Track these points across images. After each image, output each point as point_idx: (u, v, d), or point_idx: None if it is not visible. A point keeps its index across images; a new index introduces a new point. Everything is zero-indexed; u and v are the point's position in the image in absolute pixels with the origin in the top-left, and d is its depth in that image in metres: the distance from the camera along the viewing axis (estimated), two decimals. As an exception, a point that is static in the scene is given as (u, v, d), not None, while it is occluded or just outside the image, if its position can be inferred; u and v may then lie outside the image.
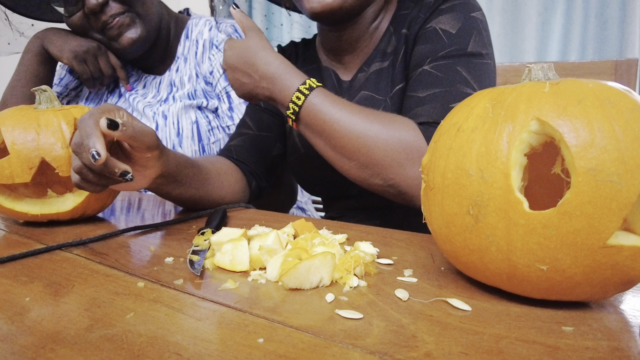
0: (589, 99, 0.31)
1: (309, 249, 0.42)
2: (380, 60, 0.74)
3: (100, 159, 0.46)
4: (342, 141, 0.59)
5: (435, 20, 0.68)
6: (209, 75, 1.01)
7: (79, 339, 0.30)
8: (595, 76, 0.94)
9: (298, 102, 0.61)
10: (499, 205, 0.32)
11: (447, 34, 0.65)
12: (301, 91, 0.61)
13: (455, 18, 0.66)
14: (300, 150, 0.80)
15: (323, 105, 0.60)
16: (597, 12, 1.64)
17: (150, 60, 1.04)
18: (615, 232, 0.29)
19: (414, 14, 0.71)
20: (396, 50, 0.72)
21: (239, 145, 0.82)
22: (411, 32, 0.71)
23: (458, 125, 0.36)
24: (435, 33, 0.66)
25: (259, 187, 0.83)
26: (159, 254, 0.48)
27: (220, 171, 0.72)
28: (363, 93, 0.74)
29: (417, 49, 0.68)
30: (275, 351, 0.28)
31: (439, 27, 0.66)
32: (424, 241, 0.52)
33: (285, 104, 0.62)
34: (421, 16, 0.70)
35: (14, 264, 0.46)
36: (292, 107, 0.61)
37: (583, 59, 1.69)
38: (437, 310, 0.34)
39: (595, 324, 0.31)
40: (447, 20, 0.66)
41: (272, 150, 0.84)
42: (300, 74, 0.62)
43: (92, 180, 0.50)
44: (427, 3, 0.71)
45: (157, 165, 0.55)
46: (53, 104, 0.63)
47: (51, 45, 0.96)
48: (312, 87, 0.61)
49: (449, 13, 0.67)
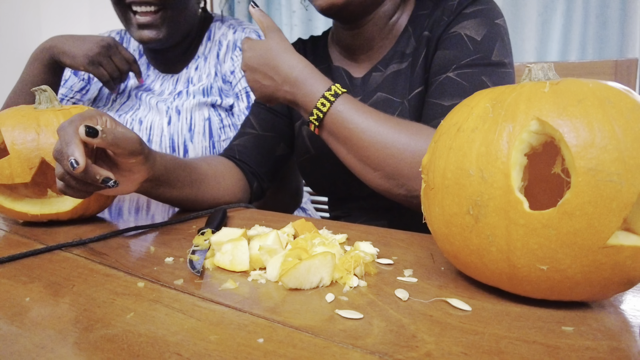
0: (589, 99, 0.31)
1: (309, 249, 0.42)
2: (399, 62, 0.73)
3: (79, 167, 0.45)
4: (367, 151, 0.59)
5: (459, 25, 0.66)
6: (229, 75, 1.01)
7: (79, 339, 0.30)
8: (595, 76, 0.94)
9: (323, 108, 0.60)
10: (499, 205, 0.32)
11: (472, 40, 0.65)
12: (326, 97, 0.60)
13: (481, 24, 0.65)
14: (311, 151, 0.80)
15: (349, 113, 0.59)
16: (597, 12, 1.64)
17: (170, 56, 1.03)
18: (615, 232, 0.29)
19: (437, 16, 0.70)
20: (416, 52, 0.71)
21: (241, 145, 0.82)
22: (433, 34, 0.69)
23: (458, 125, 0.36)
24: (460, 39, 0.65)
25: (261, 188, 0.83)
26: (159, 254, 0.48)
27: (217, 172, 0.72)
28: (380, 94, 0.73)
29: (441, 54, 0.67)
30: (275, 351, 0.28)
31: (464, 33, 0.65)
32: (424, 241, 0.52)
33: (309, 109, 0.61)
34: (444, 19, 0.69)
35: (14, 264, 0.46)
36: (316, 113, 0.60)
37: (583, 59, 1.69)
38: (437, 310, 0.34)
39: (595, 324, 0.31)
40: (472, 26, 0.65)
41: (276, 150, 0.84)
42: (325, 79, 0.62)
43: (75, 186, 0.50)
44: (450, 5, 0.69)
45: (142, 169, 0.55)
46: (53, 104, 0.63)
47: (63, 55, 0.94)
48: (337, 93, 0.60)
49: (474, 19, 0.66)
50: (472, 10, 0.67)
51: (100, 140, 0.47)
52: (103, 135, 0.47)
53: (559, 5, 1.69)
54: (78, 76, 1.08)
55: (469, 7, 0.67)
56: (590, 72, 0.94)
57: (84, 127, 0.46)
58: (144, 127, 0.97)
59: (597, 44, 1.66)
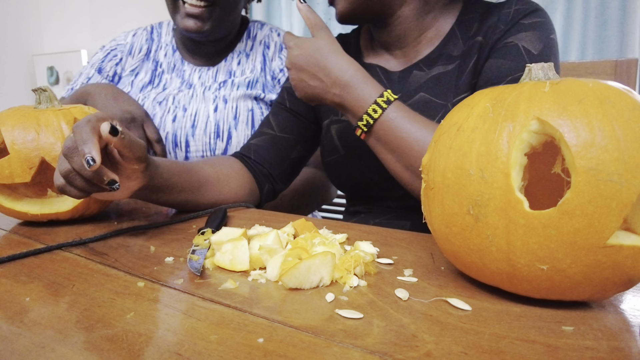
0: (589, 99, 0.31)
1: (309, 248, 0.42)
2: (445, 64, 0.71)
3: (95, 165, 0.46)
4: (418, 161, 0.58)
5: (517, 36, 0.65)
6: (278, 72, 1.04)
7: (79, 339, 0.30)
8: (595, 76, 0.94)
9: (374, 115, 0.59)
10: (499, 205, 0.32)
11: (529, 53, 0.63)
12: (378, 104, 0.59)
13: (538, 38, 0.64)
14: (340, 151, 0.79)
15: (401, 121, 0.58)
16: (597, 12, 1.64)
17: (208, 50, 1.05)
18: (615, 232, 0.29)
19: (492, 22, 0.68)
20: (465, 55, 0.69)
21: (258, 145, 0.81)
22: (487, 41, 0.67)
23: (458, 125, 0.36)
24: (517, 50, 0.64)
25: (274, 190, 0.82)
26: (159, 254, 0.48)
27: (221, 175, 0.71)
28: (422, 95, 0.71)
29: (495, 62, 0.65)
30: (275, 351, 0.28)
31: (522, 45, 0.64)
32: (424, 241, 0.52)
33: (359, 114, 0.61)
34: (500, 27, 0.67)
35: (14, 264, 0.46)
36: (366, 118, 0.60)
37: (583, 59, 1.69)
38: (437, 310, 0.34)
39: (595, 324, 0.31)
40: (529, 38, 0.64)
41: (292, 152, 0.83)
42: (377, 85, 0.61)
43: (78, 185, 0.50)
44: (506, 13, 0.67)
45: (140, 177, 0.55)
46: (53, 103, 0.63)
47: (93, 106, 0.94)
48: (389, 99, 0.59)
49: (532, 31, 0.64)
50: (530, 22, 0.65)
51: (118, 140, 0.48)
52: (122, 136, 0.48)
53: (559, 5, 1.69)
54: (102, 74, 1.08)
55: (527, 18, 0.66)
56: (590, 72, 0.94)
57: (108, 124, 0.47)
58: (188, 113, 0.98)
59: (597, 44, 1.66)
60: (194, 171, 0.67)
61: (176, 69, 1.06)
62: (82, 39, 2.51)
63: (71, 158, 0.48)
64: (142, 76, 1.06)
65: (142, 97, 1.02)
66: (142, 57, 1.08)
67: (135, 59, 1.08)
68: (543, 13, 0.66)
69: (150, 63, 1.07)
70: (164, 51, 1.08)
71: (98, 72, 1.07)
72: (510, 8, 0.67)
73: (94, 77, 1.07)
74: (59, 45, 2.57)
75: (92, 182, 0.49)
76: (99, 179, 0.48)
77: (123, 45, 1.08)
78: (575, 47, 1.70)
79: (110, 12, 2.44)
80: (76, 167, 0.48)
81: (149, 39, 1.10)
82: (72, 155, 0.48)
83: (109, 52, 1.08)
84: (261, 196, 0.80)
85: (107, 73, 1.07)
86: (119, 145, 0.49)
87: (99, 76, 1.07)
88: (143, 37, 1.10)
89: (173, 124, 0.97)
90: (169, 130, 0.97)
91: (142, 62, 1.08)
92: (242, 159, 0.80)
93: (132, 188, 0.56)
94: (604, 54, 1.65)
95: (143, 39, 1.10)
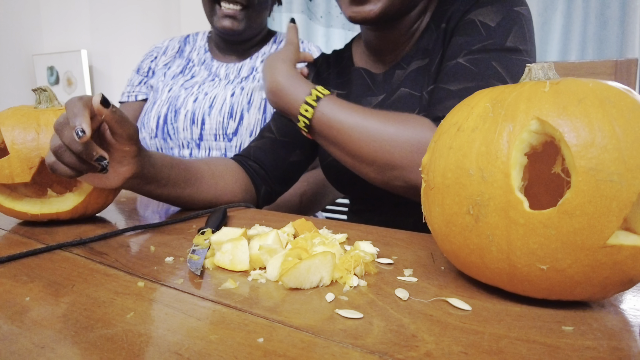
0: (589, 99, 0.31)
1: (309, 248, 0.42)
2: (421, 58, 0.72)
3: (85, 137, 0.46)
4: (358, 146, 0.59)
5: (475, 12, 0.65)
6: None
7: (79, 339, 0.30)
8: (595, 76, 0.94)
9: (307, 114, 0.60)
10: (499, 205, 0.32)
11: (485, 26, 0.63)
12: (308, 103, 0.60)
13: (497, 11, 0.63)
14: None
15: (332, 113, 0.59)
16: (597, 12, 1.64)
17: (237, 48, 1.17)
18: (615, 232, 0.29)
19: (455, 8, 0.69)
20: (435, 46, 0.71)
21: (257, 147, 0.82)
22: (449, 25, 0.69)
23: (458, 125, 0.36)
24: (474, 25, 0.64)
25: (271, 192, 0.83)
26: (159, 254, 0.48)
27: (215, 172, 0.72)
28: (403, 90, 0.73)
29: (453, 40, 0.66)
30: (275, 351, 0.28)
31: (478, 19, 0.64)
32: (424, 241, 0.52)
33: (295, 116, 0.62)
34: (461, 9, 0.68)
35: (14, 264, 0.46)
36: (301, 119, 0.61)
37: (583, 59, 1.69)
38: (437, 310, 0.34)
39: (595, 324, 0.31)
40: (487, 12, 0.64)
41: (290, 156, 0.84)
42: (307, 83, 0.62)
43: (67, 161, 0.50)
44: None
45: (132, 163, 0.55)
46: (53, 103, 0.63)
47: None
48: (318, 97, 0.60)
49: (491, 5, 0.64)
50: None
51: (110, 112, 0.49)
52: (113, 109, 0.49)
53: (559, 5, 1.69)
54: (139, 73, 1.22)
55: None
56: (590, 72, 0.94)
57: (100, 95, 0.48)
58: (208, 97, 1.08)
59: (597, 44, 1.66)
60: (187, 166, 0.67)
61: (205, 63, 1.18)
62: (82, 39, 2.51)
63: (62, 132, 0.49)
64: (173, 69, 1.19)
65: (172, 83, 1.14)
66: (174, 54, 1.22)
67: (168, 56, 1.22)
68: None
69: (183, 60, 1.21)
70: (197, 51, 1.21)
71: (137, 71, 1.23)
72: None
73: (134, 77, 1.22)
74: (59, 45, 2.57)
75: (82, 158, 0.50)
76: (89, 154, 0.49)
77: (159, 47, 1.24)
78: (575, 47, 1.70)
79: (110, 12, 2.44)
80: (66, 142, 0.49)
81: (183, 41, 1.24)
82: (63, 130, 0.49)
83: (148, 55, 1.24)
84: (258, 197, 0.81)
85: (144, 70, 1.22)
86: (110, 118, 0.50)
87: (137, 75, 1.22)
88: (176, 41, 1.25)
89: (194, 104, 1.07)
90: (189, 109, 1.06)
91: (174, 58, 1.22)
92: (240, 160, 0.80)
93: (123, 174, 0.56)
94: (604, 54, 1.65)
95: (175, 42, 1.25)
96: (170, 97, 1.10)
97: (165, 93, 1.12)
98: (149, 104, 1.14)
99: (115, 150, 0.53)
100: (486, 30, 0.63)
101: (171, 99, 1.09)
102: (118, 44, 2.43)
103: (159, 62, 1.22)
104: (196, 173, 0.68)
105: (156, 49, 1.24)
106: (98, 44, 2.47)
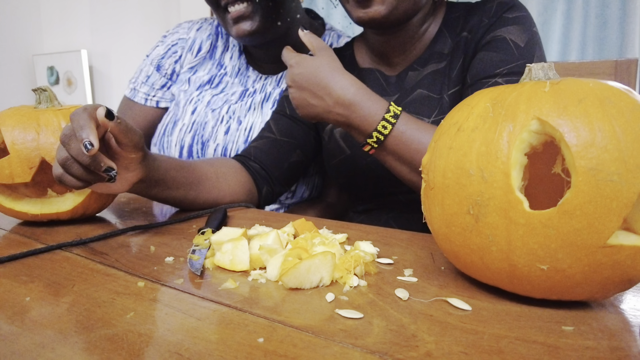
0: (590, 99, 0.31)
1: (309, 248, 0.42)
2: (437, 62, 0.74)
3: (93, 150, 0.46)
4: None
5: (503, 30, 0.67)
6: None
7: (79, 339, 0.30)
8: (595, 76, 0.94)
9: (384, 131, 0.59)
10: (499, 205, 0.32)
11: (516, 46, 0.66)
12: (387, 119, 0.59)
13: (523, 31, 0.67)
14: (346, 151, 0.80)
15: (411, 133, 0.59)
16: (597, 12, 1.64)
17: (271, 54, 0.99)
18: (615, 232, 0.29)
19: (476, 18, 0.71)
20: (454, 52, 0.73)
21: (258, 147, 0.82)
22: (473, 36, 0.71)
23: (458, 125, 0.36)
24: (506, 43, 0.66)
25: (272, 192, 0.83)
26: (159, 254, 0.48)
27: (218, 173, 0.72)
28: (420, 91, 0.74)
29: (485, 55, 0.67)
30: (275, 351, 0.28)
31: (509, 38, 0.67)
32: (424, 241, 0.52)
33: (367, 132, 0.60)
34: (485, 21, 0.70)
35: (14, 264, 0.46)
36: (376, 135, 0.60)
37: (583, 59, 1.69)
38: (437, 310, 0.34)
39: (595, 324, 0.31)
40: (515, 32, 0.67)
41: (291, 156, 0.84)
42: (381, 100, 0.61)
43: (75, 173, 0.50)
44: (489, 8, 0.70)
45: (138, 168, 0.55)
46: (53, 103, 0.64)
47: None
48: (396, 113, 0.60)
49: (517, 25, 0.67)
50: (513, 16, 0.68)
51: (115, 124, 0.49)
52: (118, 121, 0.49)
53: (559, 5, 1.69)
54: (160, 72, 1.04)
55: (510, 12, 0.68)
56: (590, 72, 0.94)
57: (104, 109, 0.48)
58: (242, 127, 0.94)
59: (597, 44, 1.66)
60: (192, 168, 0.67)
61: (240, 74, 1.01)
62: (82, 39, 2.51)
63: (69, 145, 0.49)
64: (201, 74, 1.01)
65: (197, 99, 0.98)
66: (203, 56, 1.02)
67: (195, 57, 1.02)
68: (523, 7, 0.70)
69: (214, 64, 1.02)
70: (230, 53, 1.03)
71: (157, 69, 1.04)
72: (493, 3, 0.71)
73: (153, 76, 1.04)
74: (59, 45, 2.57)
75: (89, 169, 0.50)
76: (97, 165, 0.49)
77: (184, 40, 1.03)
78: (575, 47, 1.70)
79: (110, 12, 2.44)
80: (74, 154, 0.48)
81: (214, 33, 1.03)
82: (70, 142, 0.48)
83: (170, 47, 1.03)
84: (259, 197, 0.81)
85: (166, 71, 1.03)
86: (115, 130, 0.49)
87: (157, 74, 1.04)
88: (207, 32, 1.03)
89: (225, 136, 0.94)
90: (219, 142, 0.94)
91: (203, 60, 1.02)
92: (242, 160, 0.80)
93: (130, 180, 0.56)
94: (604, 54, 1.65)
95: (206, 34, 1.03)
96: (195, 121, 0.95)
97: (188, 114, 0.96)
98: (169, 122, 0.99)
99: (121, 157, 0.53)
100: (517, 50, 0.66)
101: (196, 126, 0.94)
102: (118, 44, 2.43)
103: (184, 64, 1.03)
104: (200, 174, 0.68)
105: (180, 43, 1.03)
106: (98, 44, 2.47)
